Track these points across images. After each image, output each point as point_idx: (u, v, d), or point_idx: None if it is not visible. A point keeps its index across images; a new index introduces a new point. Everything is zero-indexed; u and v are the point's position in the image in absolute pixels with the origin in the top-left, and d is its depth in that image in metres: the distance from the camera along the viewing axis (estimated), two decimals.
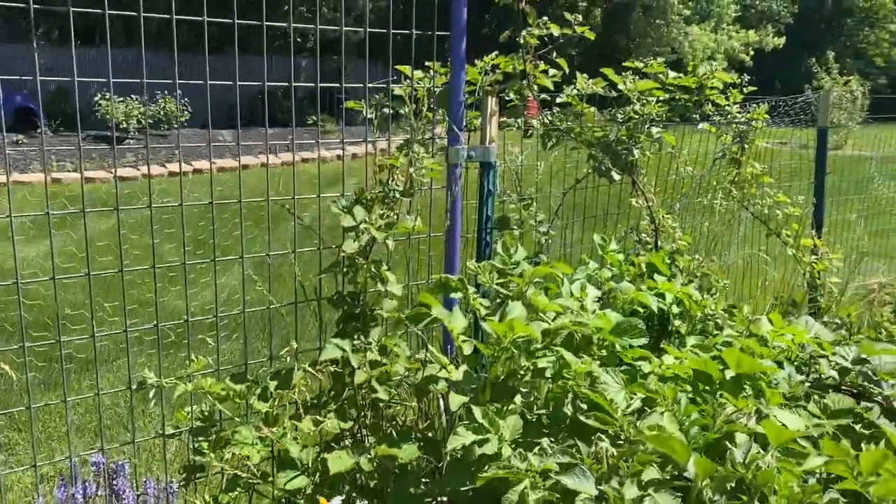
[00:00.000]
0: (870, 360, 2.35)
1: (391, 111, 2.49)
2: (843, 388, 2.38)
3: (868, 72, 27.03)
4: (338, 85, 2.46)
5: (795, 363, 2.54)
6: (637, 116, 3.24)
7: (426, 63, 2.82)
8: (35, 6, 2.00)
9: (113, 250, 2.16)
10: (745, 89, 3.70)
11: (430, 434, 2.54)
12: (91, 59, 15.67)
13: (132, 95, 15.30)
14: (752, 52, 24.44)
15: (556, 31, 2.71)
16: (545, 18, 2.76)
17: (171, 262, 2.41)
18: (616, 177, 3.21)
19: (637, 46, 23.21)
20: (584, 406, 1.76)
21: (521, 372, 2.04)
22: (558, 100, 3.08)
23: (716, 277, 3.35)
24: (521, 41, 2.70)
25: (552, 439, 1.76)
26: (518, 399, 2.01)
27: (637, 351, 1.92)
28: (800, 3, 27.81)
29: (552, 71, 3.09)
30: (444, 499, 2.02)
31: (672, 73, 3.48)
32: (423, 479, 2.20)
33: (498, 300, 2.19)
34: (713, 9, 24.67)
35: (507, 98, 3.13)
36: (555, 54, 2.92)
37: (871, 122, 17.95)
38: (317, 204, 2.60)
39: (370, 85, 2.49)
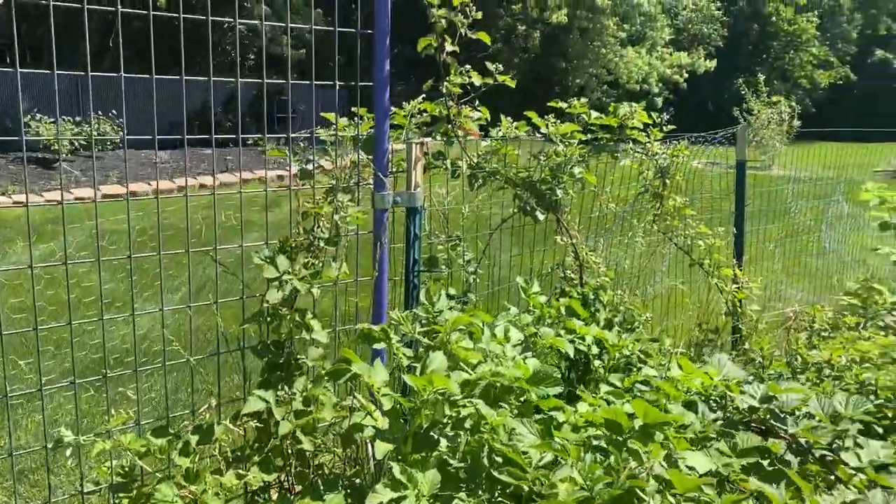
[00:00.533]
0: (777, 398, 2.47)
1: (315, 163, 2.51)
2: (753, 424, 2.49)
3: (795, 93, 28.20)
4: (260, 136, 2.47)
5: (712, 397, 2.65)
6: (560, 157, 3.34)
7: (352, 109, 2.85)
8: None
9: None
10: (664, 128, 3.85)
11: (358, 480, 2.55)
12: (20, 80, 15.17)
13: (64, 117, 14.89)
14: (685, 75, 25.25)
15: (477, 80, 2.78)
16: (468, 67, 2.83)
17: (88, 318, 2.36)
18: (540, 216, 3.29)
19: (574, 68, 23.74)
20: (500, 459, 1.80)
21: (444, 421, 2.08)
22: (483, 144, 3.14)
23: (638, 311, 3.46)
24: (444, 90, 2.76)
25: (469, 493, 1.80)
26: (444, 444, 2.04)
27: (552, 401, 1.98)
28: (729, 27, 28.88)
29: (477, 114, 3.17)
30: None
31: (595, 114, 3.60)
32: None
33: (422, 348, 2.23)
34: (648, 32, 25.42)
35: (435, 138, 3.19)
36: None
37: (798, 141, 18.77)
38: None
39: (293, 135, 2.50)
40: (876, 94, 31.68)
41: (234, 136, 2.45)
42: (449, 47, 2.62)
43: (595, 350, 2.58)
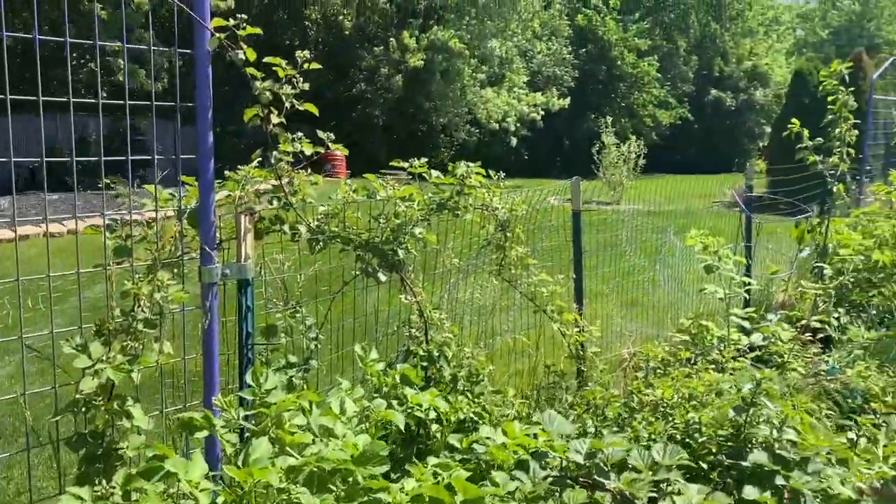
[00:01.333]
0: (602, 451, 2.60)
1: (131, 236, 2.41)
2: (581, 478, 2.61)
3: (640, 129, 30.27)
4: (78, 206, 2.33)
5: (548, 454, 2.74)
6: (400, 219, 3.39)
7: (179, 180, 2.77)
8: None
9: None
10: (502, 184, 4.01)
11: None
12: None
13: None
14: (542, 113, 26.48)
15: (308, 149, 2.78)
16: (299, 134, 2.82)
17: None
18: (383, 277, 3.32)
19: (437, 108, 24.31)
20: None
21: None
22: (321, 209, 3.14)
23: (482, 364, 3.55)
24: (273, 160, 2.74)
25: None
26: None
27: (378, 482, 1.98)
28: (579, 68, 30.69)
29: (315, 177, 3.17)
30: None
31: (434, 173, 3.69)
32: None
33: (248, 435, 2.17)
34: (506, 73, 26.53)
35: (271, 203, 3.15)
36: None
37: (645, 174, 20.17)
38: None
39: (108, 213, 2.39)
40: (712, 130, 34.60)
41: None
42: (275, 119, 2.61)
43: (433, 415, 2.61)
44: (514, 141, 25.74)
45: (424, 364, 3.43)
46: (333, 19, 23.46)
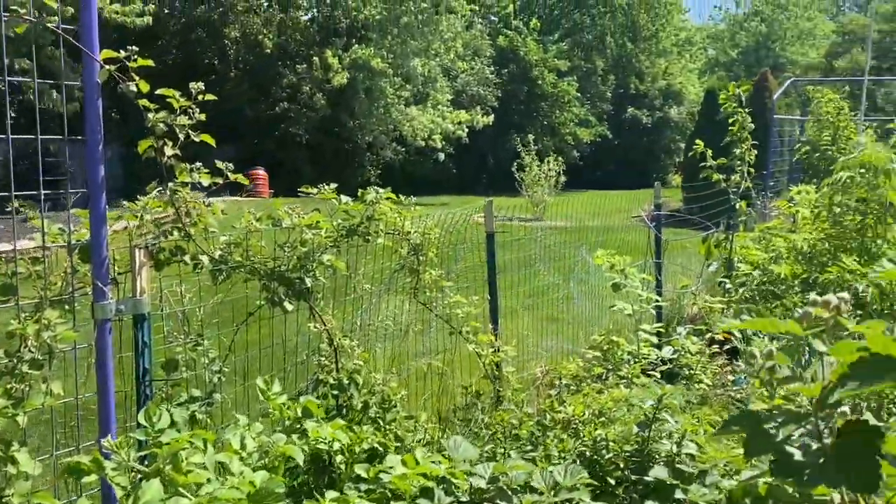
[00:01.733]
0: (506, 474, 2.64)
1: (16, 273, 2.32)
2: (486, 503, 2.64)
3: (562, 146, 31.02)
4: None
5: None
6: (307, 246, 3.37)
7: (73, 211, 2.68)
8: None
9: None
10: (413, 208, 4.04)
11: None
12: None
13: None
14: (466, 130, 26.80)
15: (206, 180, 2.75)
16: (198, 165, 2.78)
17: None
18: (290, 306, 3.29)
19: (362, 126, 24.29)
20: None
21: None
22: (222, 239, 3.10)
23: (394, 390, 3.55)
24: (169, 192, 2.69)
25: None
26: None
27: None
28: (502, 88, 31.29)
29: (216, 204, 3.13)
30: None
31: (344, 199, 3.69)
32: None
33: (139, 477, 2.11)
34: (429, 91, 26.76)
35: (172, 234, 3.08)
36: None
37: (567, 190, 20.68)
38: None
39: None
40: (630, 147, 35.74)
41: None
42: (169, 151, 2.56)
43: (336, 446, 2.60)
44: (441, 157, 26.00)
45: (335, 393, 3.41)
46: (254, 38, 23.17)
